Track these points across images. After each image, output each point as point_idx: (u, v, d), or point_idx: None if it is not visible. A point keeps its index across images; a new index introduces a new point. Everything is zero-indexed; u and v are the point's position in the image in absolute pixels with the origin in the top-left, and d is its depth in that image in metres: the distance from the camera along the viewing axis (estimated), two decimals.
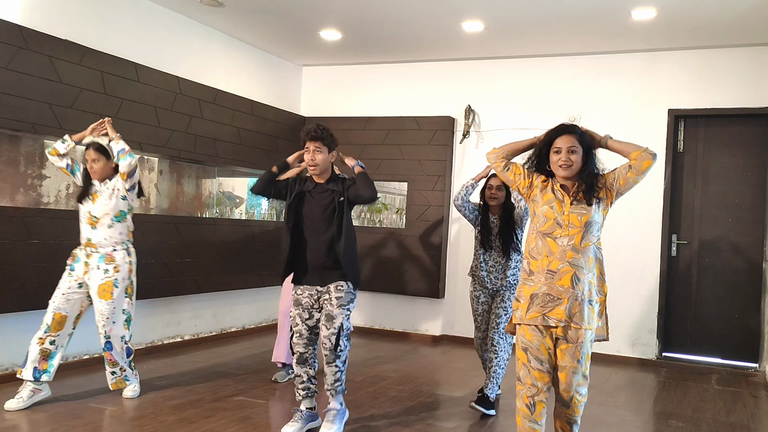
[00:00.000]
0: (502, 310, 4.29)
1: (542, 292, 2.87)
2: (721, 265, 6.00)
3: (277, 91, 7.15)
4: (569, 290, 2.83)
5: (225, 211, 6.58)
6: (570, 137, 2.89)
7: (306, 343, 3.68)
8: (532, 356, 2.89)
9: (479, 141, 6.74)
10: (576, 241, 2.84)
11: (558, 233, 2.86)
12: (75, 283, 4.04)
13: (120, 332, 4.10)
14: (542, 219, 2.92)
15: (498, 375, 4.27)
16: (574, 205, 2.87)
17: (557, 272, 2.85)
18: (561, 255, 2.85)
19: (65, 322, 4.03)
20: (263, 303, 6.93)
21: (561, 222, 2.86)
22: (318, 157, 3.58)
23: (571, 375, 2.86)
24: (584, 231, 2.84)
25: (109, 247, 4.05)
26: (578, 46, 6.13)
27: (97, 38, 5.02)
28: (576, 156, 2.87)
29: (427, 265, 6.67)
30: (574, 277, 2.83)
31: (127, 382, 4.21)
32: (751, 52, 5.85)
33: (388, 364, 5.57)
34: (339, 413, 3.67)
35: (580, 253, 2.84)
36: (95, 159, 4.07)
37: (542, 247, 2.89)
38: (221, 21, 5.96)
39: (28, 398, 3.95)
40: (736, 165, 5.99)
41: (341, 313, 3.59)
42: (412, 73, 7.05)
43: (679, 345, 6.09)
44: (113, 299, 4.03)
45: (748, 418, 4.49)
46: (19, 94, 4.34)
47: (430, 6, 5.27)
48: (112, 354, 4.11)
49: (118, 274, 4.04)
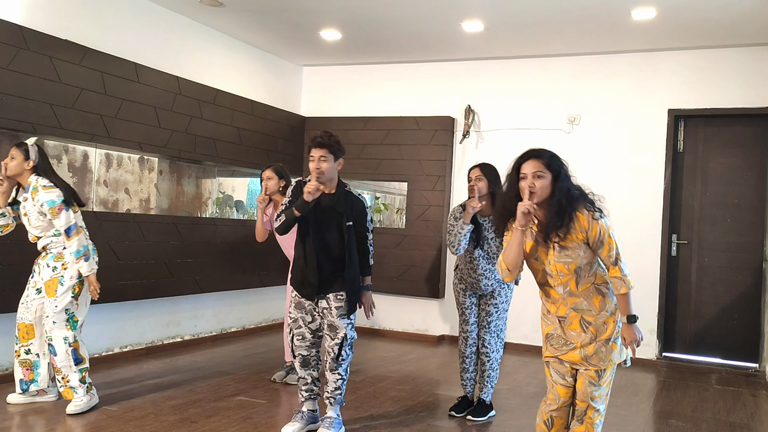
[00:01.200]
0: (493, 308, 4.14)
1: (557, 334, 2.84)
2: (721, 265, 6.00)
3: (277, 91, 7.15)
4: (581, 335, 2.78)
5: (225, 211, 6.58)
6: (536, 162, 2.72)
7: (309, 346, 3.68)
8: (554, 370, 2.88)
9: (479, 141, 6.74)
10: (571, 287, 2.76)
11: (552, 282, 2.80)
12: (33, 290, 3.94)
13: (61, 333, 3.84)
14: (533, 270, 2.85)
15: (492, 378, 4.18)
16: (558, 253, 2.73)
17: (566, 318, 2.80)
18: (563, 301, 2.80)
19: (32, 330, 3.94)
20: (263, 303, 6.93)
21: (549, 272, 2.78)
22: (323, 165, 3.51)
23: (587, 383, 2.78)
24: (576, 276, 2.75)
25: (60, 247, 3.90)
26: (578, 46, 6.13)
27: (97, 38, 5.02)
28: (542, 181, 2.69)
29: (427, 265, 6.67)
30: (582, 321, 2.77)
31: (74, 394, 3.86)
32: (750, 52, 5.85)
33: (388, 364, 5.57)
34: (336, 421, 3.65)
35: (581, 297, 2.77)
36: (12, 156, 3.87)
37: (545, 293, 2.86)
38: (221, 21, 5.96)
39: (30, 396, 3.96)
40: (736, 165, 5.99)
41: (344, 324, 3.60)
42: (412, 73, 7.05)
43: (679, 345, 6.10)
44: (56, 297, 3.84)
45: (748, 417, 4.49)
46: (19, 95, 4.34)
47: (430, 6, 5.27)
48: (54, 359, 3.84)
49: (66, 272, 3.87)
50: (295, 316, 3.70)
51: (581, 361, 2.77)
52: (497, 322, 4.14)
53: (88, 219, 4.81)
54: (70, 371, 3.86)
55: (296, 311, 3.70)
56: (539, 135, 6.45)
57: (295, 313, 3.70)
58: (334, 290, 3.61)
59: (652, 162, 6.09)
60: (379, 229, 6.89)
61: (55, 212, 3.81)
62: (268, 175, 4.64)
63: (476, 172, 4.06)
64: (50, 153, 4.68)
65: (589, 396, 2.78)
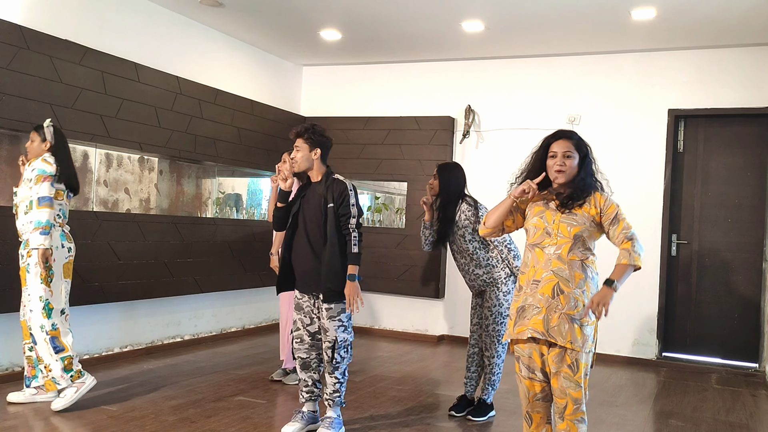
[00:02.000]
0: (487, 311, 4.13)
1: (527, 304, 2.79)
2: (721, 265, 6.00)
3: (277, 91, 7.15)
4: (548, 300, 2.73)
5: (226, 211, 6.58)
6: (566, 142, 2.85)
7: (308, 349, 3.67)
8: (523, 365, 2.84)
9: (479, 141, 6.74)
10: (563, 251, 2.75)
11: (546, 242, 2.79)
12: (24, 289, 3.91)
13: (38, 321, 3.78)
14: (532, 231, 2.86)
15: (494, 381, 4.16)
16: (565, 215, 2.79)
17: (540, 281, 2.77)
18: (546, 263, 2.77)
19: None
20: (263, 303, 6.93)
21: (550, 231, 2.80)
22: (297, 155, 3.61)
23: (563, 380, 2.74)
24: (572, 243, 2.76)
25: (27, 234, 3.83)
26: (578, 45, 6.13)
27: (97, 38, 5.02)
28: (571, 161, 2.81)
29: (427, 265, 6.67)
30: (557, 287, 2.73)
31: (57, 385, 3.84)
32: (751, 52, 5.85)
33: (388, 364, 5.57)
34: (336, 422, 3.63)
35: (566, 264, 2.75)
36: (32, 140, 3.95)
37: (530, 258, 2.84)
38: (221, 21, 5.96)
39: (31, 395, 3.97)
40: (736, 165, 5.99)
41: (333, 326, 3.55)
42: (412, 73, 7.05)
43: (679, 345, 6.09)
44: (27, 285, 3.80)
45: (747, 417, 4.49)
46: (19, 94, 4.34)
47: (430, 6, 5.27)
48: (36, 348, 3.82)
49: (30, 259, 3.79)
50: (295, 317, 3.70)
51: (543, 329, 2.71)
52: (493, 325, 4.11)
53: (88, 219, 4.82)
54: (51, 360, 3.80)
55: (296, 313, 3.70)
56: (539, 135, 6.35)
57: (295, 315, 3.71)
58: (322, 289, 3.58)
59: (652, 162, 6.09)
60: (379, 229, 6.89)
61: (39, 179, 3.80)
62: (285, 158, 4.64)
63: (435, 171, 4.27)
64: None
65: (566, 392, 2.74)
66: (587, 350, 2.74)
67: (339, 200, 3.55)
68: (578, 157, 2.84)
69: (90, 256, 4.76)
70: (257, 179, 7.06)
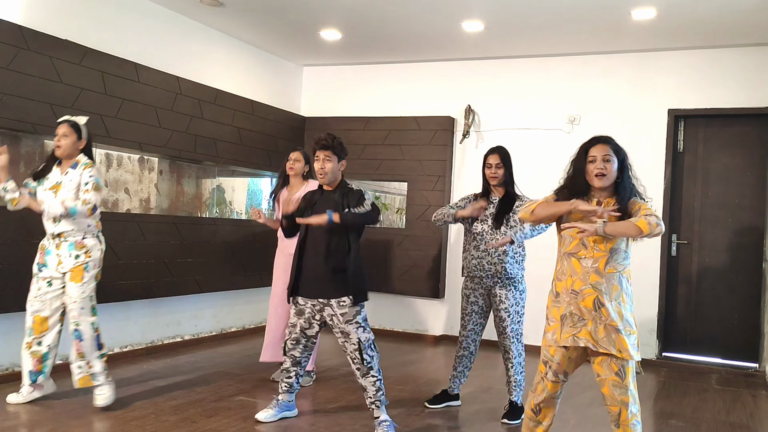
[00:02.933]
0: (504, 312, 4.10)
1: (569, 312, 2.87)
2: (721, 265, 6.00)
3: (277, 91, 7.15)
4: (591, 312, 2.83)
5: (224, 211, 6.58)
6: (605, 146, 2.91)
7: (302, 350, 3.79)
8: (551, 370, 2.94)
9: (479, 141, 6.74)
10: (600, 264, 2.83)
11: (582, 254, 2.86)
12: (44, 283, 3.94)
13: (88, 318, 3.91)
14: (568, 239, 2.92)
15: (520, 382, 4.14)
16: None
17: (580, 293, 2.85)
18: (584, 276, 2.85)
19: (46, 322, 3.97)
20: (264, 303, 6.91)
21: (586, 243, 2.86)
22: (327, 165, 3.65)
23: (612, 387, 2.84)
24: (609, 256, 2.83)
25: (78, 235, 3.91)
26: (578, 46, 6.13)
27: (97, 38, 5.02)
28: (611, 165, 2.88)
29: (427, 265, 6.67)
30: (597, 300, 2.82)
31: (94, 382, 3.93)
32: (751, 52, 5.85)
33: (387, 364, 5.57)
34: (391, 424, 3.68)
35: (604, 278, 2.82)
36: (65, 134, 3.94)
37: (567, 267, 2.91)
38: (221, 21, 5.96)
39: (28, 393, 3.98)
40: (736, 165, 5.99)
41: (353, 329, 3.61)
42: (412, 73, 7.05)
43: (679, 345, 6.10)
44: (82, 283, 3.89)
45: (747, 417, 4.49)
46: (19, 94, 4.34)
47: (430, 6, 5.27)
48: (80, 344, 3.89)
49: (90, 260, 3.91)
50: (295, 322, 3.75)
51: (593, 340, 2.81)
52: (512, 326, 4.09)
53: None
54: (93, 357, 3.93)
55: (296, 317, 3.75)
56: (539, 135, 6.46)
57: (295, 320, 3.75)
58: (336, 296, 3.60)
59: (652, 162, 6.09)
60: (379, 230, 6.89)
61: (97, 187, 3.91)
62: (296, 157, 4.73)
63: (495, 159, 4.12)
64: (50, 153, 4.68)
65: (618, 400, 2.83)
66: (633, 357, 2.84)
67: (355, 202, 3.62)
68: (617, 161, 2.90)
69: None
70: (257, 179, 7.06)
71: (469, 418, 4.19)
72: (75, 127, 3.99)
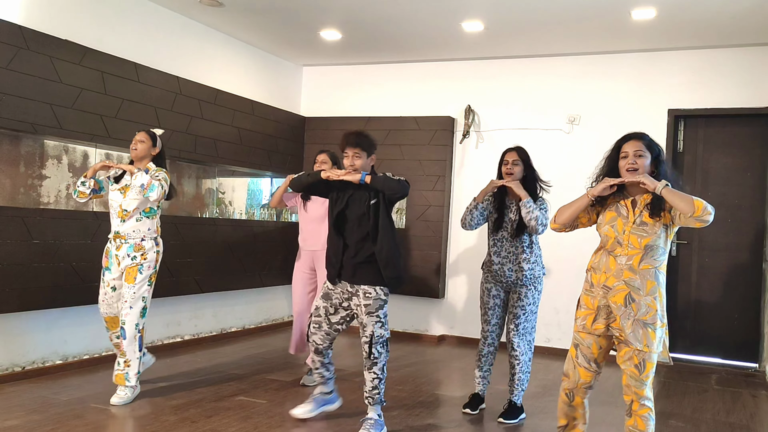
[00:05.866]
0: (520, 310, 4.07)
1: (603, 305, 2.95)
2: (721, 265, 6.00)
3: (277, 91, 7.15)
4: (621, 308, 2.89)
5: (224, 211, 6.58)
6: (637, 142, 2.95)
7: (323, 336, 3.75)
8: (581, 354, 3.01)
9: (479, 141, 6.74)
10: (634, 261, 2.89)
11: (618, 251, 2.93)
12: (109, 288, 4.14)
13: (135, 319, 4.07)
14: (604, 238, 2.99)
15: (522, 381, 4.12)
16: (636, 225, 2.90)
17: (612, 289, 2.93)
18: (618, 273, 2.92)
19: (118, 319, 4.17)
20: (264, 303, 6.93)
21: (621, 241, 2.92)
22: (357, 162, 3.65)
23: (629, 378, 2.92)
24: (643, 253, 2.88)
25: (137, 238, 4.13)
26: (578, 46, 6.13)
27: (97, 38, 5.03)
28: (643, 160, 2.92)
29: (427, 265, 6.67)
30: (628, 296, 2.89)
31: (127, 382, 4.06)
32: (751, 52, 5.86)
33: (388, 364, 5.56)
34: (376, 423, 3.67)
35: (637, 274, 2.88)
36: (142, 140, 4.18)
37: (604, 263, 2.98)
38: (221, 21, 5.96)
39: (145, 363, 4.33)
40: (735, 165, 5.99)
41: (371, 321, 3.61)
42: (412, 73, 7.05)
43: (679, 345, 6.09)
44: (135, 283, 4.07)
45: (747, 418, 4.49)
46: (19, 94, 4.34)
47: (430, 6, 5.27)
48: (123, 342, 4.06)
49: (145, 261, 4.12)
50: (319, 304, 3.75)
51: (622, 333, 2.89)
52: (525, 324, 4.08)
53: (88, 219, 4.83)
54: (133, 357, 4.08)
55: (322, 300, 3.76)
56: (539, 135, 6.46)
57: (320, 302, 3.76)
58: (365, 284, 3.62)
59: None
60: None
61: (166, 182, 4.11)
62: (323, 159, 4.65)
63: (512, 156, 4.12)
64: (50, 153, 4.69)
65: (633, 391, 2.91)
66: (655, 352, 2.90)
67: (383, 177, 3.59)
68: (650, 157, 2.94)
69: (90, 256, 4.75)
70: (257, 179, 7.06)
71: (469, 417, 4.18)
72: (152, 135, 4.24)
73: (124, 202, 4.12)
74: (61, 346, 4.83)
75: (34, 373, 4.55)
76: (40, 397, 4.08)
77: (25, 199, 4.59)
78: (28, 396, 4.11)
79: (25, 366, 4.56)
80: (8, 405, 3.93)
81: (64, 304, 4.66)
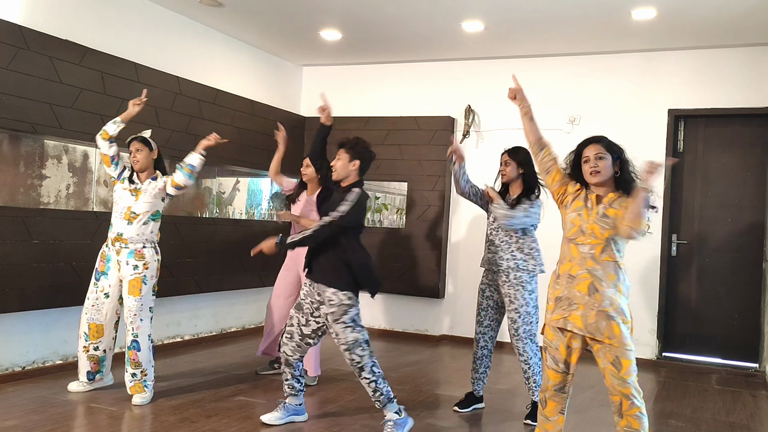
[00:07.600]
0: (515, 313, 4.02)
1: (564, 296, 2.95)
2: (721, 265, 6.00)
3: (277, 91, 7.15)
4: (585, 297, 2.89)
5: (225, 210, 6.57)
6: (596, 145, 2.99)
7: (294, 348, 3.74)
8: (549, 355, 3.01)
9: (479, 141, 6.74)
10: (596, 251, 2.90)
11: (580, 240, 2.94)
12: (102, 294, 4.11)
13: (146, 330, 4.07)
14: (569, 225, 3.01)
15: (538, 381, 4.06)
16: (599, 216, 2.92)
17: (576, 277, 2.93)
18: (581, 261, 2.93)
19: (102, 329, 4.13)
20: (263, 303, 6.92)
21: (585, 230, 2.94)
22: (337, 163, 3.75)
23: (610, 377, 2.90)
24: (605, 244, 2.90)
25: (139, 244, 4.09)
26: (578, 46, 6.13)
27: (97, 38, 5.02)
28: (604, 162, 2.95)
29: (427, 265, 6.67)
30: (592, 286, 2.88)
31: (146, 389, 4.07)
32: (751, 52, 5.85)
33: (388, 364, 5.57)
34: (396, 423, 3.64)
35: (599, 265, 2.90)
36: (138, 149, 4.16)
37: (567, 252, 3.00)
38: (221, 21, 5.96)
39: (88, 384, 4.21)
40: (736, 165, 5.99)
41: (340, 328, 3.60)
42: (412, 73, 7.05)
43: (679, 345, 6.09)
44: (141, 296, 4.05)
45: (747, 418, 4.49)
46: (19, 95, 4.34)
47: (430, 6, 5.27)
48: (137, 354, 4.03)
49: (147, 271, 4.08)
50: (293, 314, 3.77)
51: (582, 326, 2.87)
52: (525, 327, 4.02)
53: (88, 219, 4.83)
54: (149, 366, 4.08)
55: (294, 311, 3.77)
56: None
57: (293, 312, 3.77)
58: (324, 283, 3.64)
59: None
60: (379, 230, 6.89)
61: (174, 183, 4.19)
62: (306, 163, 4.82)
63: (505, 157, 4.17)
64: (50, 153, 4.69)
65: (618, 390, 2.89)
66: (628, 348, 2.87)
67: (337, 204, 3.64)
68: (611, 158, 2.98)
69: (90, 256, 4.75)
70: (257, 179, 7.06)
71: (469, 418, 4.19)
72: (144, 141, 4.20)
73: (134, 205, 4.10)
74: (61, 346, 4.82)
75: (34, 373, 4.55)
76: (40, 397, 4.08)
77: (24, 199, 4.58)
78: (27, 396, 4.11)
79: (25, 366, 4.56)
80: (8, 405, 3.93)
81: (64, 304, 4.66)
